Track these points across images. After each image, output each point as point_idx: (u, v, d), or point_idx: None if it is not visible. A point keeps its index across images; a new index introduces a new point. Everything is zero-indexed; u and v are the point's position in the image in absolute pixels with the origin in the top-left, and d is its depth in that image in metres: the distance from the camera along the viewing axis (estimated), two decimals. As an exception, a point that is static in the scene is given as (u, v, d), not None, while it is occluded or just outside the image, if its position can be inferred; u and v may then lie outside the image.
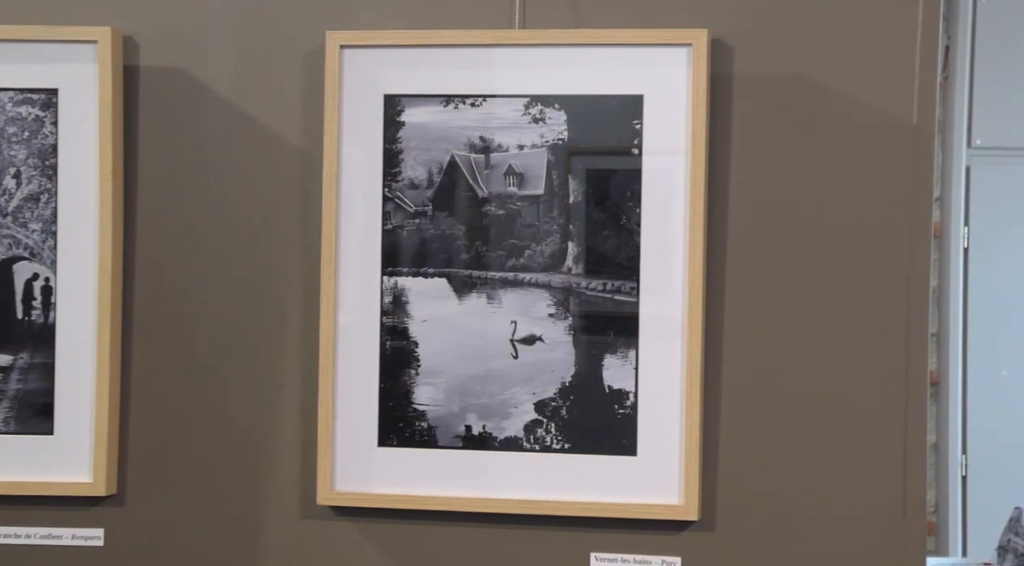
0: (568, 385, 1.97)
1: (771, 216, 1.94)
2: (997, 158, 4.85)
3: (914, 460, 1.90)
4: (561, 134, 1.96)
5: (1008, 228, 4.82)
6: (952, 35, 4.79)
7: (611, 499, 1.94)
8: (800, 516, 1.93)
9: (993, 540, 4.24)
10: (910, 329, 1.90)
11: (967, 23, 4.78)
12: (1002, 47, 4.78)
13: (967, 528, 4.83)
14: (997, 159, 4.85)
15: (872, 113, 1.92)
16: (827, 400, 1.92)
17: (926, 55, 1.90)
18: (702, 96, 1.92)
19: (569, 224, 1.97)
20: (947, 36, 4.80)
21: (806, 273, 1.93)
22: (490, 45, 1.97)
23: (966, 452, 4.84)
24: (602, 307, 1.97)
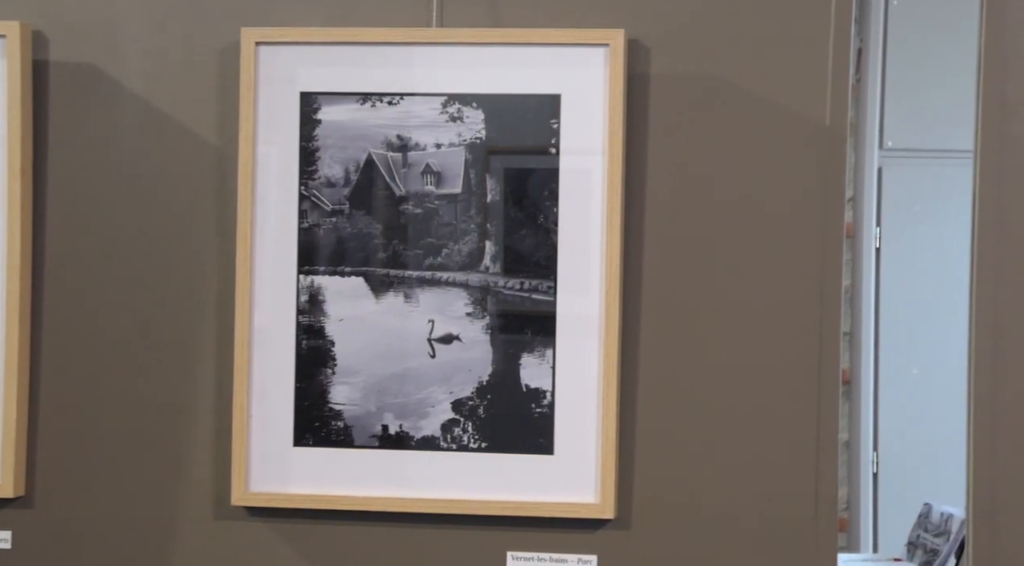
0: (485, 384, 1.97)
1: (687, 216, 1.96)
2: (908, 159, 4.92)
3: (826, 458, 1.92)
4: (479, 133, 1.96)
5: (919, 229, 4.89)
6: (864, 38, 4.85)
7: (528, 498, 1.95)
8: (714, 513, 1.94)
9: (904, 536, 4.30)
10: (822, 328, 1.93)
11: (879, 26, 4.85)
12: (913, 50, 4.85)
13: (878, 524, 4.89)
14: (908, 160, 4.92)
15: (786, 114, 1.94)
16: (741, 399, 1.94)
17: (838, 57, 1.93)
18: (619, 96, 1.93)
19: (487, 223, 1.97)
20: (859, 39, 4.86)
21: (721, 273, 1.95)
22: (408, 43, 1.97)
23: (877, 450, 4.91)
24: (519, 306, 1.97)
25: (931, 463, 4.71)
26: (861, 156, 4.89)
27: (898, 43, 4.86)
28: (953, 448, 2.15)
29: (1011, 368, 1.87)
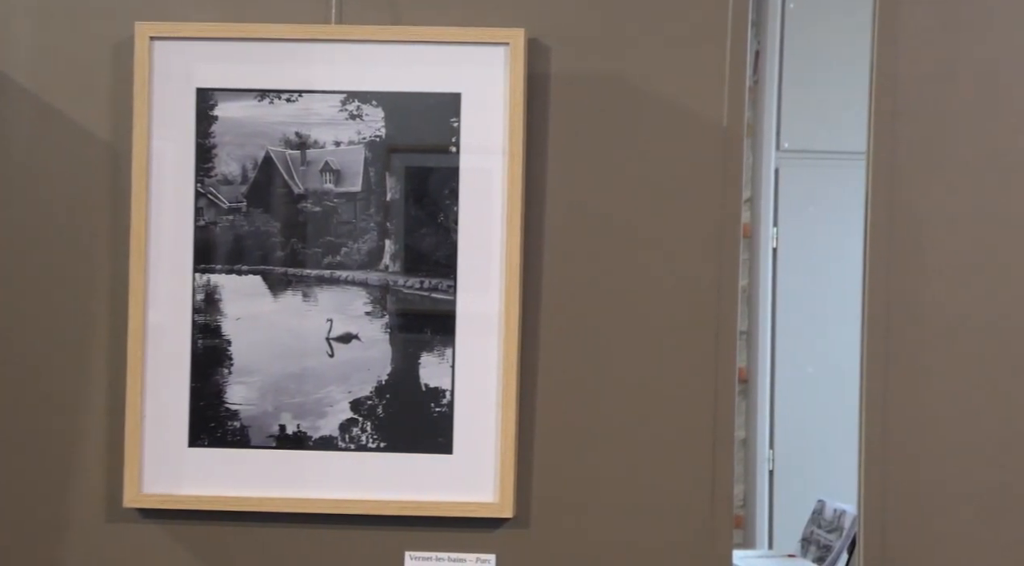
0: (384, 384, 1.96)
1: (587, 215, 1.97)
2: (804, 161, 4.99)
3: (722, 455, 1.94)
4: (378, 131, 1.95)
5: (814, 229, 4.97)
6: (762, 41, 4.92)
7: (426, 498, 1.94)
8: (612, 511, 1.95)
9: (798, 532, 4.37)
10: (719, 327, 1.95)
11: (776, 29, 4.91)
12: (809, 53, 4.92)
13: (773, 521, 4.96)
14: (804, 162, 4.99)
15: (684, 114, 1.96)
16: (639, 397, 1.95)
17: (735, 59, 1.95)
18: (519, 95, 1.93)
19: (387, 222, 1.96)
20: (757, 42, 4.92)
21: (620, 271, 1.96)
22: (307, 40, 1.95)
23: (773, 447, 4.97)
24: (419, 305, 1.96)
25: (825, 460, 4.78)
26: (759, 157, 4.95)
27: (794, 46, 4.93)
28: (847, 445, 2.18)
29: (901, 367, 1.90)
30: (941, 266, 1.90)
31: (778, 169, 4.98)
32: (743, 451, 4.99)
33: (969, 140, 1.90)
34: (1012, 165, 1.89)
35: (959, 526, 1.89)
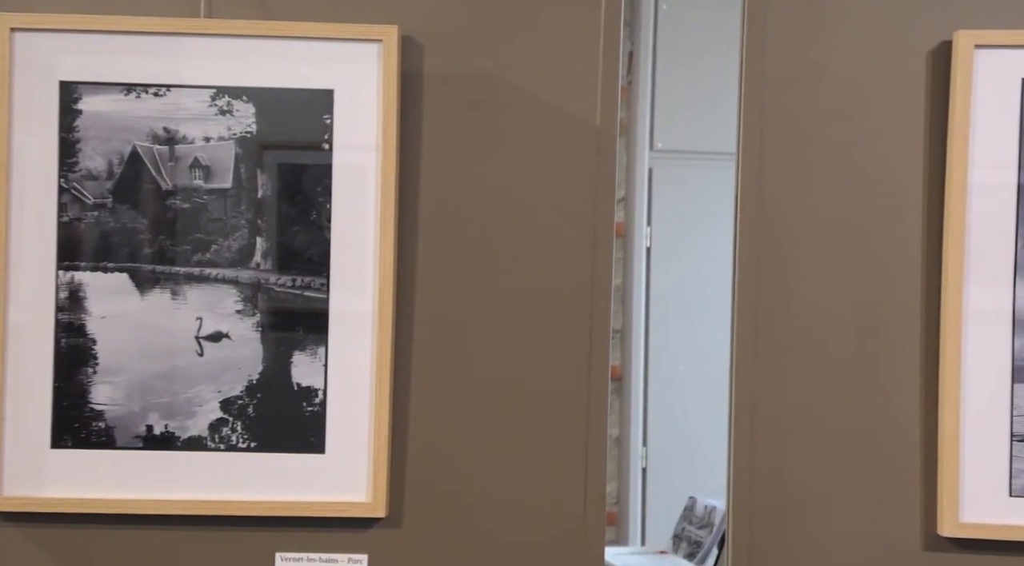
0: (255, 383, 1.93)
1: (461, 213, 1.96)
2: (677, 161, 5.05)
3: (595, 453, 1.95)
4: (249, 127, 1.93)
5: (687, 228, 5.03)
6: (635, 41, 4.96)
7: (298, 498, 1.92)
8: (485, 509, 1.95)
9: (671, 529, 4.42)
10: (593, 325, 1.96)
11: (649, 30, 4.96)
12: (682, 54, 4.98)
13: (646, 518, 5.01)
14: (677, 162, 5.05)
15: (558, 114, 1.96)
16: (513, 395, 1.96)
17: (608, 59, 1.96)
18: (393, 92, 1.92)
19: (258, 219, 1.93)
20: (630, 42, 4.97)
21: (494, 270, 1.96)
22: (175, 34, 1.91)
23: (646, 445, 5.03)
24: (291, 303, 1.94)
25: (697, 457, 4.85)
26: (632, 157, 5.00)
27: (667, 47, 4.99)
28: (718, 442, 2.21)
29: (769, 365, 1.94)
30: (808, 266, 1.94)
31: (651, 169, 5.04)
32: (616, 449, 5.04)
33: (835, 142, 1.94)
34: (875, 167, 1.93)
35: (823, 521, 1.93)
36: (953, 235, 1.89)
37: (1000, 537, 1.88)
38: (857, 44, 1.94)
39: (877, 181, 1.93)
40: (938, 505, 1.89)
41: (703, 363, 4.90)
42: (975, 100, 1.89)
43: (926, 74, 1.93)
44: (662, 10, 4.96)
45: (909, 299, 1.92)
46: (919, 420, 1.92)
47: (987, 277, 1.89)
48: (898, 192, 1.93)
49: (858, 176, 1.93)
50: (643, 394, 5.02)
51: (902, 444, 1.92)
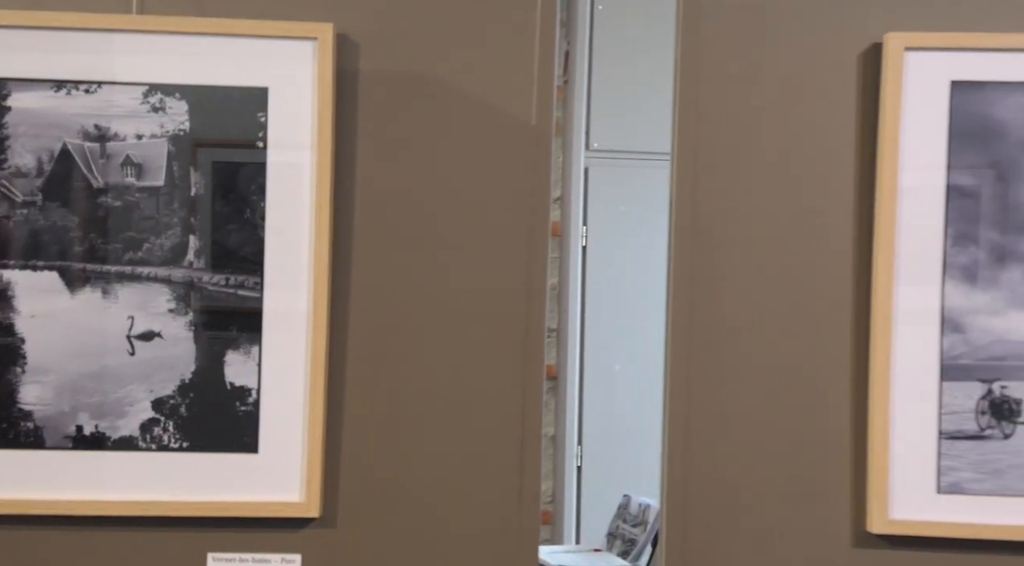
0: (188, 382, 1.91)
1: (396, 212, 1.96)
2: (613, 160, 5.07)
3: (530, 452, 1.96)
4: (182, 125, 1.91)
5: (622, 228, 5.05)
6: (571, 41, 4.97)
7: (231, 498, 1.91)
8: (420, 508, 1.95)
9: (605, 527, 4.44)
10: (528, 324, 1.96)
11: (585, 30, 4.98)
12: (617, 54, 5.00)
13: (581, 516, 5.03)
14: (613, 161, 5.07)
15: (494, 113, 1.96)
16: (448, 394, 1.95)
17: (544, 59, 1.96)
18: (328, 91, 1.91)
19: (191, 217, 1.92)
20: (567, 42, 4.98)
21: (429, 269, 1.96)
22: (107, 30, 1.89)
23: (582, 443, 5.04)
24: (225, 302, 1.93)
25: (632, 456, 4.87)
26: (568, 156, 5.01)
27: (603, 47, 5.01)
28: (653, 441, 2.22)
29: (703, 364, 1.95)
30: (741, 265, 1.95)
31: (587, 168, 5.05)
32: (552, 448, 5.05)
33: (768, 142, 1.96)
34: (807, 167, 1.95)
35: (756, 518, 1.94)
36: (883, 236, 1.91)
37: (928, 534, 1.91)
38: (790, 45, 1.96)
39: (809, 181, 1.95)
40: (868, 502, 1.91)
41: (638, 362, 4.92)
42: (905, 102, 1.91)
43: (857, 76, 1.95)
44: (598, 10, 4.97)
45: (840, 298, 1.94)
46: (850, 419, 1.94)
47: (916, 277, 1.91)
48: (830, 192, 1.95)
49: (791, 177, 1.95)
50: (578, 393, 5.04)
51: (833, 442, 1.94)
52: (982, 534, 1.90)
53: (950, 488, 1.91)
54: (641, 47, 4.88)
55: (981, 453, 1.90)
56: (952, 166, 1.91)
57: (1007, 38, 1.90)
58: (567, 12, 4.94)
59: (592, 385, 5.04)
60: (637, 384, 4.90)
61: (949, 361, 1.91)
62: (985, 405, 1.91)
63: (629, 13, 4.96)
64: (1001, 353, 1.90)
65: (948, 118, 1.91)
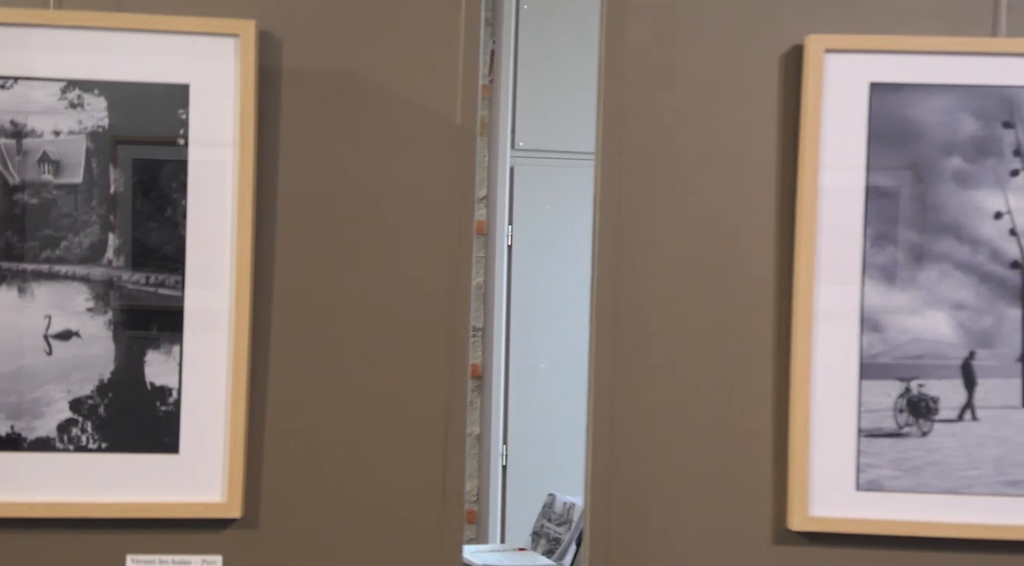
0: (107, 382, 1.89)
1: (320, 211, 1.95)
2: (539, 160, 5.09)
3: (454, 451, 1.95)
4: (101, 121, 1.88)
5: (548, 227, 5.07)
6: (497, 40, 4.98)
7: (151, 499, 1.89)
8: (343, 508, 1.94)
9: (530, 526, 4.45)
10: (452, 324, 1.96)
11: (511, 29, 4.98)
12: (543, 53, 5.01)
13: (506, 515, 5.04)
14: (539, 161, 5.08)
15: (418, 112, 1.96)
16: (372, 394, 1.95)
17: (468, 57, 1.96)
18: (250, 88, 1.90)
19: (110, 215, 1.89)
20: (492, 41, 4.98)
21: (353, 268, 1.95)
22: (22, 25, 1.86)
23: (507, 443, 5.05)
24: (145, 301, 1.90)
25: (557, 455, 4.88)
26: (494, 155, 5.02)
27: (529, 46, 5.01)
28: (577, 440, 2.22)
29: (627, 363, 1.96)
30: (664, 265, 1.96)
31: (513, 168, 5.06)
32: (477, 447, 5.05)
33: (692, 142, 1.97)
34: (730, 168, 1.96)
35: (679, 516, 1.95)
36: (804, 236, 1.93)
37: (847, 530, 1.93)
38: (713, 46, 1.97)
39: (732, 182, 1.97)
40: (788, 500, 1.93)
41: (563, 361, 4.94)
42: (825, 103, 1.93)
43: (778, 77, 1.96)
44: (523, 9, 4.98)
45: (762, 298, 1.96)
46: (771, 417, 1.95)
47: (836, 277, 1.94)
48: (752, 193, 1.96)
49: (714, 177, 1.96)
50: (504, 392, 5.04)
51: (755, 440, 1.95)
52: (900, 531, 1.92)
53: (869, 486, 1.93)
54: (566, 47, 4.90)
55: (899, 451, 1.93)
56: (871, 167, 1.94)
57: (925, 41, 1.93)
58: (492, 12, 4.94)
59: (517, 384, 5.05)
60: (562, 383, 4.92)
61: (868, 360, 1.93)
62: (903, 403, 1.93)
63: (554, 13, 4.97)
64: (918, 352, 1.93)
65: (867, 119, 1.94)
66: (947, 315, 1.93)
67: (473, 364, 4.98)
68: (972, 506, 1.92)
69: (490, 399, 5.01)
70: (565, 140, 4.96)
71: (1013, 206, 1.93)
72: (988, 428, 1.93)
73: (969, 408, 1.93)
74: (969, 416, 1.93)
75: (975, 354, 1.93)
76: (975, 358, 1.93)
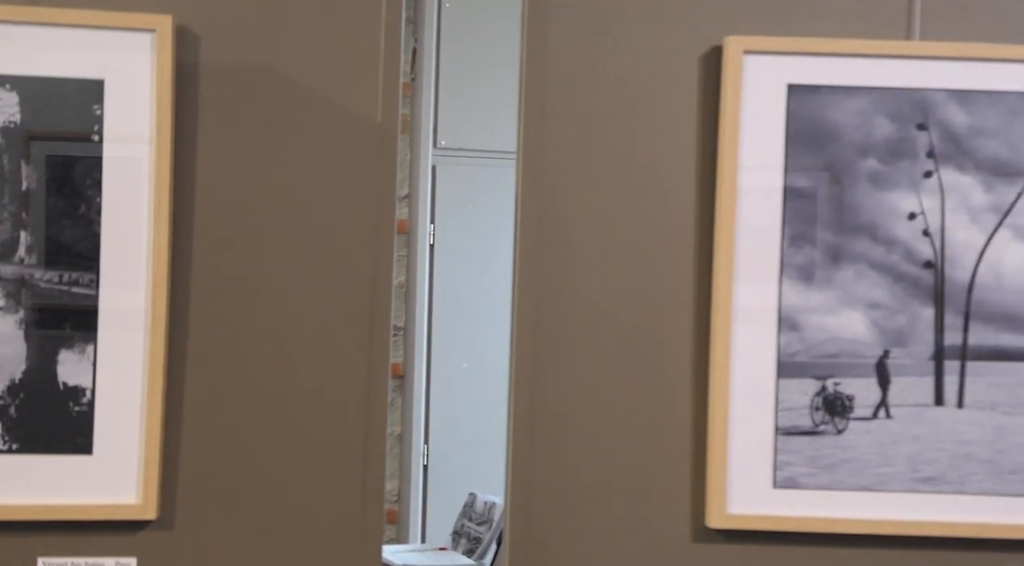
0: (18, 382, 1.86)
1: (238, 209, 1.93)
2: (461, 158, 5.08)
3: (374, 451, 1.94)
4: (13, 117, 1.85)
5: (470, 226, 5.06)
6: (419, 39, 4.96)
7: (64, 501, 1.86)
8: (261, 509, 1.92)
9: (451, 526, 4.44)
10: (373, 323, 1.95)
11: (433, 28, 4.97)
12: (465, 52, 5.01)
13: (427, 515, 5.03)
14: (461, 159, 5.08)
15: (338, 109, 1.95)
16: (291, 394, 1.93)
17: (389, 55, 1.95)
18: (167, 84, 1.87)
19: (23, 212, 1.86)
20: (414, 39, 4.97)
21: (272, 267, 1.93)
22: (-68, 17, 1.83)
23: (428, 442, 5.04)
24: (58, 300, 1.87)
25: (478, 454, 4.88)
26: (416, 154, 5.00)
27: (451, 45, 5.01)
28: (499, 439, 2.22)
29: (548, 362, 1.96)
30: (586, 264, 1.97)
31: (435, 166, 5.05)
32: (398, 446, 5.04)
33: (613, 142, 1.97)
34: (650, 168, 1.97)
35: (599, 515, 1.96)
36: (723, 236, 1.94)
37: (764, 527, 1.94)
38: (634, 46, 1.98)
39: (652, 182, 1.97)
40: (707, 498, 1.94)
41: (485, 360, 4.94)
42: (744, 104, 1.94)
43: (698, 77, 1.98)
44: (445, 8, 4.97)
45: (682, 297, 1.97)
46: (690, 415, 1.96)
47: (755, 277, 1.95)
48: (672, 193, 1.97)
49: (635, 177, 1.97)
50: (425, 392, 5.03)
51: (674, 439, 1.96)
52: (815, 527, 1.94)
53: (785, 483, 1.95)
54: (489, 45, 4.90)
55: (815, 448, 1.95)
56: (789, 168, 1.95)
57: (841, 43, 1.95)
58: (414, 9, 4.92)
59: (439, 384, 5.04)
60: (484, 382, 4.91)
61: (786, 359, 1.95)
62: (819, 401, 1.95)
63: (477, 11, 4.97)
64: (835, 351, 1.95)
65: (785, 121, 1.95)
66: (862, 314, 1.95)
67: (394, 363, 4.96)
68: (886, 503, 1.94)
69: (411, 398, 5.00)
70: (487, 139, 4.96)
71: (926, 207, 1.95)
72: (902, 426, 1.95)
73: (883, 406, 1.96)
74: (883, 414, 1.96)
75: (889, 353, 1.95)
76: (889, 357, 1.95)
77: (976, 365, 1.96)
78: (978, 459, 1.95)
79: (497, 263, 4.80)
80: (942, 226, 1.95)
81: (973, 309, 1.95)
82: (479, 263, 4.99)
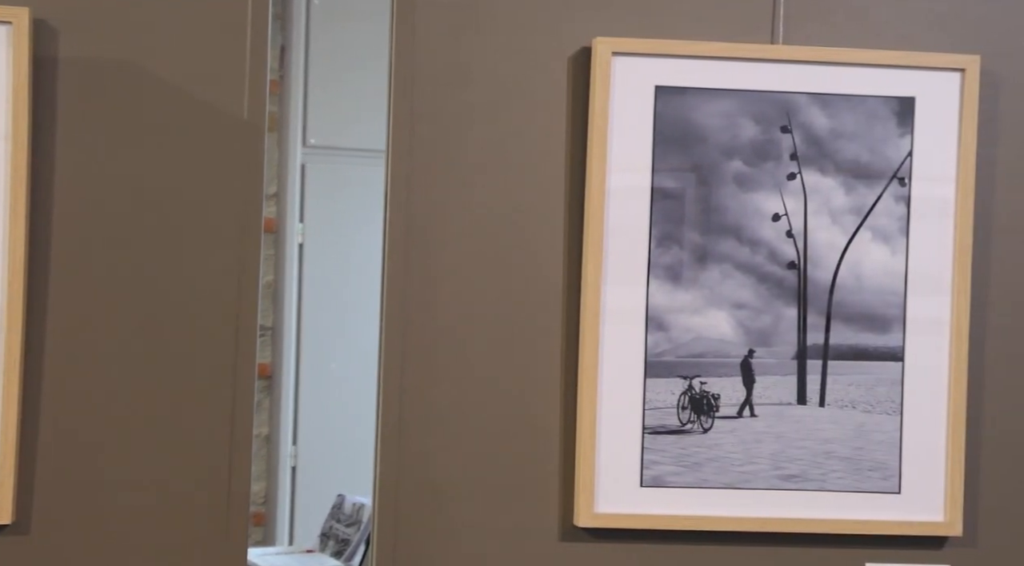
0: None
1: (100, 207, 1.89)
2: (331, 157, 5.04)
3: (240, 452, 1.92)
4: None
5: (340, 225, 5.02)
6: (287, 36, 4.91)
7: None
8: (121, 512, 1.88)
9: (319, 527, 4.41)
10: (239, 323, 1.92)
11: (301, 25, 4.93)
12: (335, 50, 4.97)
13: (295, 517, 4.98)
14: (331, 158, 5.04)
15: (203, 106, 1.91)
16: (154, 395, 1.90)
17: (256, 52, 1.93)
18: (23, 78, 1.83)
19: None
20: (282, 36, 4.92)
21: (135, 266, 1.89)
22: None
23: (296, 443, 4.99)
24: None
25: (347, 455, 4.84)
26: (285, 152, 4.95)
27: (320, 42, 4.96)
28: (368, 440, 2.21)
29: (416, 363, 1.95)
30: (455, 264, 1.96)
31: (304, 165, 5.00)
32: (266, 448, 4.98)
33: (482, 142, 1.97)
34: (520, 168, 1.97)
35: (468, 515, 1.96)
36: (592, 236, 1.95)
37: (631, 526, 1.96)
38: (503, 46, 1.98)
39: (522, 182, 1.98)
40: (575, 497, 1.95)
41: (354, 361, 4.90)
42: (612, 105, 1.96)
43: (567, 78, 1.99)
44: (314, 5, 4.93)
45: (551, 297, 1.98)
46: (559, 415, 1.97)
47: (623, 277, 1.97)
48: (542, 193, 1.98)
49: (504, 177, 1.97)
50: (294, 392, 4.98)
51: (543, 438, 1.97)
52: (681, 525, 1.97)
53: (652, 481, 1.97)
54: (359, 43, 4.86)
55: (682, 447, 1.97)
56: (657, 169, 1.97)
57: (707, 46, 1.97)
58: (282, 6, 4.87)
59: (308, 384, 4.99)
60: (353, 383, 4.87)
61: (653, 358, 1.97)
62: (686, 400, 1.98)
63: (346, 8, 4.93)
64: (700, 350, 1.98)
65: (653, 122, 1.97)
66: (728, 314, 1.98)
67: (262, 364, 4.90)
68: (749, 500, 1.97)
69: (280, 399, 4.94)
70: (357, 137, 4.92)
71: (790, 208, 1.99)
72: (765, 424, 1.99)
73: (748, 405, 1.99)
74: (748, 412, 1.99)
75: (754, 352, 1.98)
76: (754, 356, 1.99)
77: (837, 364, 2.00)
78: (838, 456, 1.99)
79: (367, 263, 4.77)
80: (805, 227, 1.99)
81: (834, 309, 1.99)
82: (348, 263, 4.95)
